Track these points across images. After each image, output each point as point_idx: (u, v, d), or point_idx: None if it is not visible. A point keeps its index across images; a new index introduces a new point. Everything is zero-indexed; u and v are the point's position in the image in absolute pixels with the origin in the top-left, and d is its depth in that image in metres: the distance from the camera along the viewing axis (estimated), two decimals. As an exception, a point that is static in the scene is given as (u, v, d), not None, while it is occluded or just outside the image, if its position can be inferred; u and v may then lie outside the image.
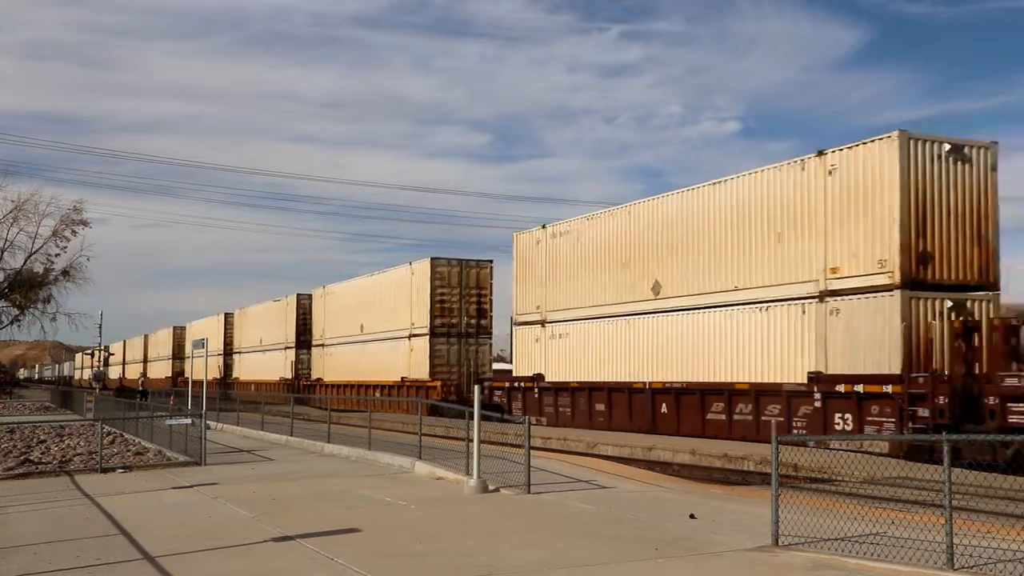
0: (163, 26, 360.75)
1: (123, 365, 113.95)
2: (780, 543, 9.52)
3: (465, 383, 41.34)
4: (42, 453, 21.15)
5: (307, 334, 59.03)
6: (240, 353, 72.80)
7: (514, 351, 37.81)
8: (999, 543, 8.96)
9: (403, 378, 44.08)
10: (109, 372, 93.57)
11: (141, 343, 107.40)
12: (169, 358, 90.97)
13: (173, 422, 21.67)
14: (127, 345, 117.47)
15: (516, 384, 36.01)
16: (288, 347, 61.37)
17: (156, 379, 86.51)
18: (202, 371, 33.40)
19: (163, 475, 17.40)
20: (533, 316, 35.88)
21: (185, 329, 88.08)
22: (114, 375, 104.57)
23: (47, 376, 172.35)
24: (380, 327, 47.32)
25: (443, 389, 40.71)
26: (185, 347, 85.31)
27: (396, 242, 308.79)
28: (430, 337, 42.58)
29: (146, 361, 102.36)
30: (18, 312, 56.40)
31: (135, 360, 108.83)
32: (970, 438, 15.25)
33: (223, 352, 73.15)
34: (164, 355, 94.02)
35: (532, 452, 14.78)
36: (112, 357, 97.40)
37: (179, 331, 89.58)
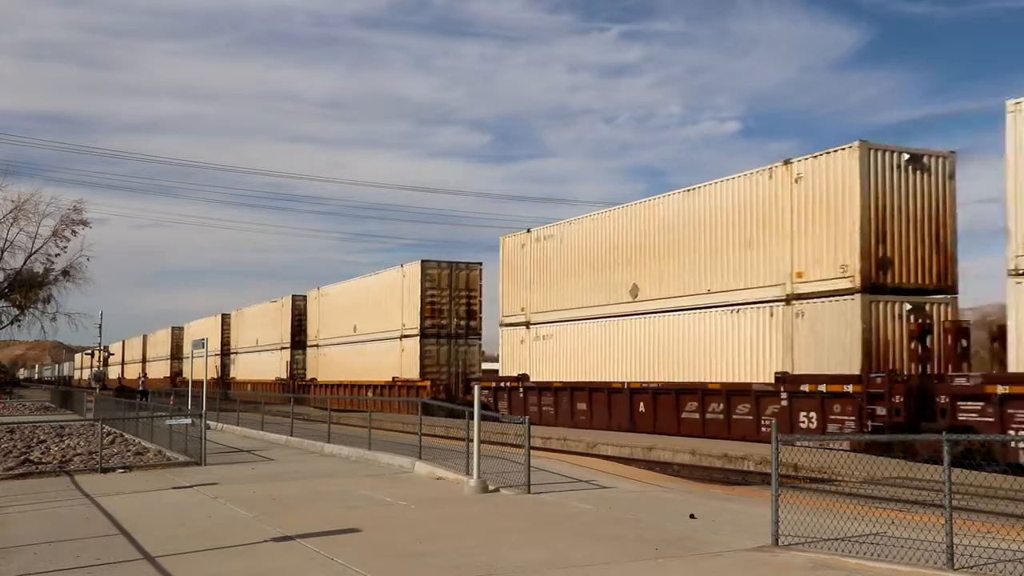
0: (163, 26, 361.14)
1: (122, 365, 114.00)
2: (780, 543, 9.53)
3: (454, 383, 42.22)
4: (42, 453, 21.14)
5: (302, 335, 59.31)
6: (237, 353, 72.98)
7: (500, 352, 38.43)
8: (999, 543, 8.97)
9: (394, 378, 44.47)
10: (108, 372, 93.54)
11: (140, 343, 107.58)
12: (168, 358, 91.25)
13: (173, 422, 21.66)
14: (126, 345, 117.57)
15: (502, 384, 36.44)
16: (284, 347, 61.59)
17: (155, 379, 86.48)
18: (201, 371, 33.41)
19: (163, 475, 17.40)
20: (518, 318, 36.45)
21: (183, 329, 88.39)
22: (113, 375, 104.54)
23: (47, 376, 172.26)
24: (373, 328, 47.72)
25: (433, 389, 41.24)
26: (183, 347, 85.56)
27: (396, 242, 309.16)
28: (420, 338, 43.11)
29: (145, 361, 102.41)
30: (18, 312, 56.43)
31: (134, 360, 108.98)
32: (969, 440, 15.33)
33: (220, 352, 73.27)
34: (163, 355, 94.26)
35: (532, 452, 14.79)
36: (111, 357, 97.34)
37: (177, 331, 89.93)
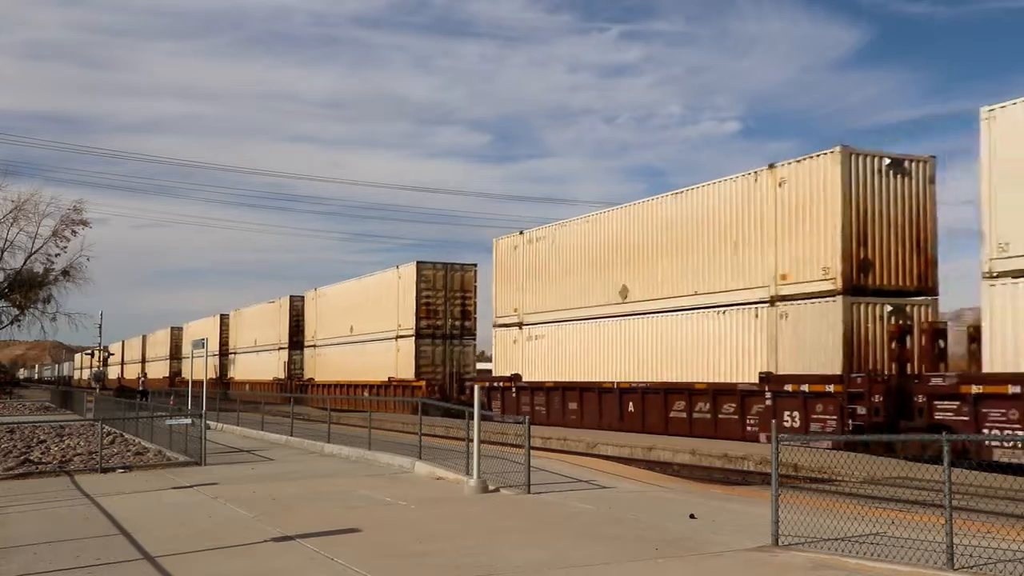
0: (163, 26, 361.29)
1: (121, 365, 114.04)
2: (780, 543, 9.53)
3: (448, 383, 42.79)
4: (42, 453, 21.14)
5: (300, 335, 59.63)
6: (235, 354, 73.17)
7: (493, 352, 38.88)
8: (999, 543, 8.97)
9: (390, 378, 44.84)
10: (108, 372, 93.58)
11: (139, 343, 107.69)
12: (167, 358, 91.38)
13: (173, 422, 21.66)
14: (125, 345, 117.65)
15: (495, 384, 36.78)
16: (281, 348, 61.90)
17: (154, 379, 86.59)
18: (200, 371, 33.43)
19: (163, 475, 17.40)
20: (511, 318, 36.91)
21: (182, 330, 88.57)
22: (112, 375, 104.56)
23: (47, 376, 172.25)
24: (369, 328, 48.09)
25: (428, 389, 41.68)
26: (182, 347, 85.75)
27: (396, 242, 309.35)
28: (416, 338, 43.56)
29: (144, 361, 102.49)
30: (18, 312, 56.44)
31: (133, 360, 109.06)
32: (970, 440, 15.36)
33: (219, 352, 73.40)
34: (162, 355, 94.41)
35: (532, 452, 14.79)
36: (111, 357, 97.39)
37: (176, 332, 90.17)
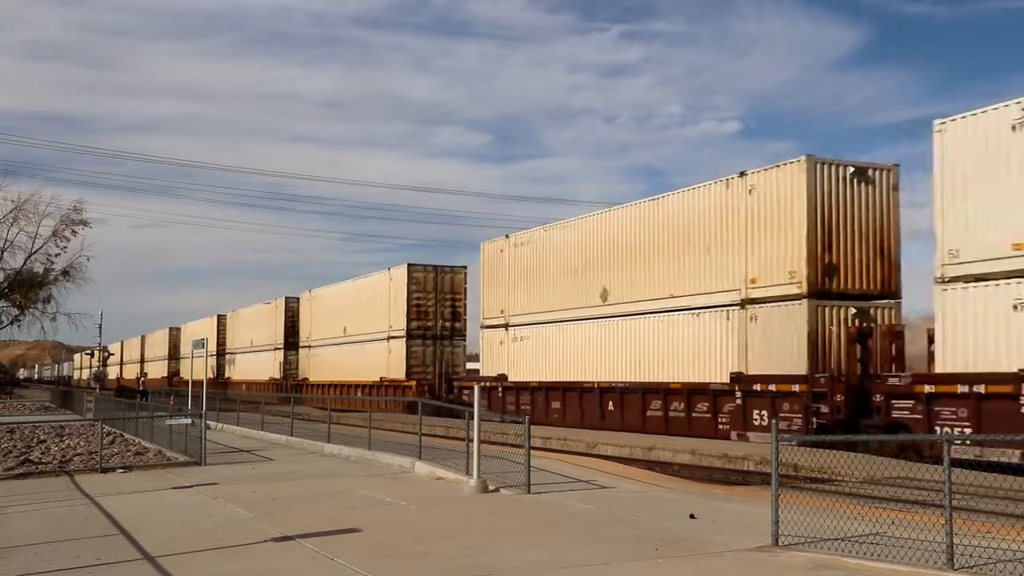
0: (163, 26, 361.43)
1: (120, 365, 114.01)
2: (780, 543, 9.53)
3: (438, 383, 43.46)
4: (42, 453, 21.14)
5: (295, 336, 60.15)
6: (233, 354, 73.45)
7: (481, 353, 39.64)
8: (999, 543, 8.97)
9: (382, 378, 45.43)
10: (107, 372, 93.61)
11: (138, 344, 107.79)
12: (165, 359, 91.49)
13: (173, 422, 21.66)
14: (124, 345, 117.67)
15: (482, 384, 37.06)
16: (277, 348, 62.42)
17: (152, 379, 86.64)
18: (199, 371, 33.43)
19: (163, 475, 17.40)
20: (498, 320, 37.74)
21: (180, 330, 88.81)
22: (112, 375, 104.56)
23: (47, 376, 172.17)
24: (362, 329, 48.74)
25: (418, 388, 42.26)
26: (180, 348, 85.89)
27: (396, 242, 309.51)
28: (407, 339, 44.23)
29: (143, 361, 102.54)
30: (18, 312, 56.45)
31: (132, 360, 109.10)
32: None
33: (216, 353, 73.62)
34: (160, 356, 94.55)
35: (532, 452, 14.79)
36: (111, 358, 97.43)
37: (175, 332, 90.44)
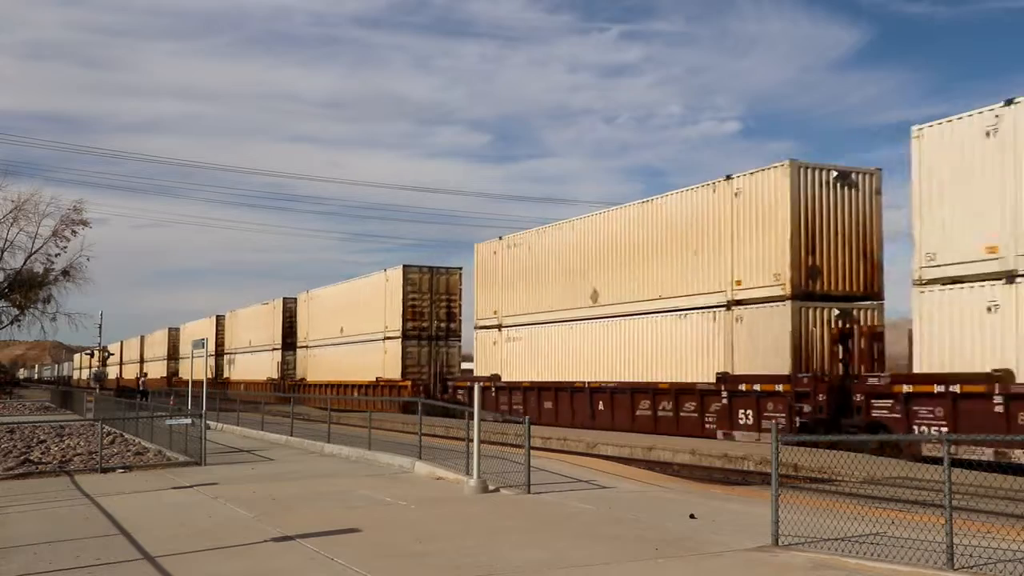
0: (163, 26, 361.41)
1: (120, 365, 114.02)
2: (780, 543, 9.53)
3: (432, 383, 43.95)
4: (42, 453, 21.13)
5: (293, 336, 60.47)
6: (231, 354, 73.66)
7: (475, 353, 40.03)
8: (999, 543, 8.96)
9: (378, 378, 45.73)
10: (107, 372, 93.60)
11: (138, 344, 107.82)
12: (164, 359, 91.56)
13: (173, 422, 21.65)
14: (124, 346, 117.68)
15: (477, 384, 37.22)
16: (275, 348, 62.75)
17: (152, 379, 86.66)
18: (198, 371, 33.47)
19: (163, 475, 17.40)
20: (491, 321, 38.12)
21: (180, 330, 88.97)
22: (111, 375, 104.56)
23: (47, 376, 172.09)
24: (358, 330, 49.07)
25: (413, 388, 42.58)
26: (180, 348, 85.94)
27: (396, 242, 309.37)
28: (402, 340, 44.66)
29: (143, 361, 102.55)
30: (18, 312, 56.45)
31: (132, 360, 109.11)
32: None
33: (215, 353, 73.77)
34: (160, 356, 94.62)
35: (532, 452, 14.79)
36: (110, 358, 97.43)
37: (174, 332, 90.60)
